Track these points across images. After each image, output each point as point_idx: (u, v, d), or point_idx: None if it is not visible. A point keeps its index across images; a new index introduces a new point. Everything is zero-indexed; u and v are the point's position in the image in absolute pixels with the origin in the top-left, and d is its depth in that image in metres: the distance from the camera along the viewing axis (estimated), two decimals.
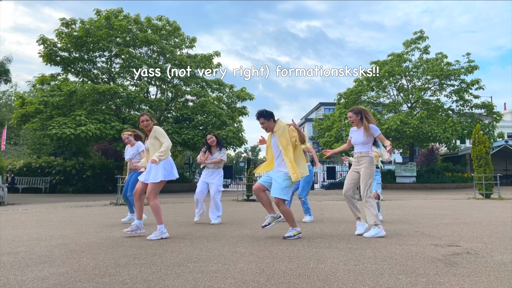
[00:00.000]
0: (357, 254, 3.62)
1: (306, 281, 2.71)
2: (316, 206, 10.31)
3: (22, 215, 8.01)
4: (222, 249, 3.92)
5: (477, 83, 24.09)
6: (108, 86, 19.77)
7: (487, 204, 10.10)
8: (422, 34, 25.44)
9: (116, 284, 2.66)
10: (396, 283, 2.65)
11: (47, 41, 20.56)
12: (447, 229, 5.27)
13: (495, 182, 13.08)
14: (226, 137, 21.56)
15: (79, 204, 11.76)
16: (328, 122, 26.81)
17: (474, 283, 2.64)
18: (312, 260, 3.39)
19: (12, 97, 39.02)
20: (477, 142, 13.53)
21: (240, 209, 9.37)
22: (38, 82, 20.79)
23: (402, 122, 22.11)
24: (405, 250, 3.82)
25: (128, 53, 20.81)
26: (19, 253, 3.81)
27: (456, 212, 7.87)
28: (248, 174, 14.84)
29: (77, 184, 20.83)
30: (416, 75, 25.37)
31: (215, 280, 2.74)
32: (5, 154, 29.46)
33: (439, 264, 3.20)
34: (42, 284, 2.69)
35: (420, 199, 13.38)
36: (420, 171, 26.35)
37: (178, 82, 23.48)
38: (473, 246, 4.01)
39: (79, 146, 23.95)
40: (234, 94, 24.86)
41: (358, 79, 26.40)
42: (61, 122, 17.88)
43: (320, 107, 52.10)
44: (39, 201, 13.54)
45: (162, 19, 23.86)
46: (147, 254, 3.68)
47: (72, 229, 5.65)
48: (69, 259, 3.47)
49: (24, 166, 21.82)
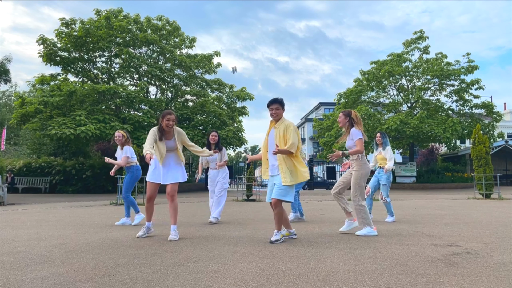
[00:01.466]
0: (357, 254, 3.62)
1: (306, 281, 2.71)
2: (316, 206, 10.30)
3: (22, 215, 8.00)
4: (222, 249, 3.92)
5: (477, 83, 24.08)
6: (108, 86, 19.75)
7: (487, 204, 10.10)
8: (422, 34, 25.44)
9: (116, 284, 2.66)
10: (396, 283, 2.65)
11: (47, 41, 20.55)
12: (447, 229, 5.27)
13: (495, 182, 13.08)
14: (226, 137, 21.56)
15: (79, 204, 11.75)
16: (328, 122, 26.81)
17: (474, 283, 2.64)
18: (312, 260, 3.39)
19: (12, 97, 39.00)
20: (477, 142, 13.53)
21: (240, 209, 9.37)
22: (38, 82, 20.78)
23: (402, 122, 22.11)
24: (405, 250, 3.82)
25: (128, 53, 20.81)
26: (19, 253, 3.81)
27: (456, 212, 7.87)
28: (248, 174, 14.83)
29: (77, 184, 20.82)
30: (416, 75, 25.37)
31: (215, 280, 2.74)
32: (5, 154, 29.45)
33: (439, 264, 3.20)
34: (42, 284, 2.68)
35: (420, 199, 13.38)
36: (420, 171, 26.35)
37: (178, 82, 23.48)
38: (473, 246, 4.01)
39: (79, 146, 23.94)
40: (234, 94, 24.86)
41: (358, 79, 26.41)
42: (61, 122, 17.87)
43: (320, 107, 52.11)
44: (39, 201, 13.53)
45: (162, 19, 23.86)
46: (147, 254, 3.68)
47: (72, 229, 5.65)
48: (69, 259, 3.47)
49: (24, 166, 21.82)
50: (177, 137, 4.76)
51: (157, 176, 4.72)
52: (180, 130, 4.86)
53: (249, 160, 5.43)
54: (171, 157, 4.78)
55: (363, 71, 26.10)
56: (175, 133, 4.75)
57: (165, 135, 4.71)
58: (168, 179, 4.70)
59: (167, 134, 4.72)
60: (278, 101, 4.48)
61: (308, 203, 11.76)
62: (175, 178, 4.72)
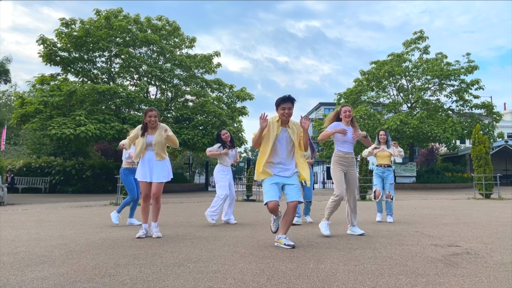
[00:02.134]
0: (356, 255, 3.62)
1: (306, 281, 2.71)
2: (316, 206, 10.29)
3: (21, 215, 8.00)
4: (222, 249, 3.92)
5: (477, 83, 24.08)
6: (108, 86, 19.74)
7: (487, 204, 10.10)
8: (422, 34, 25.43)
9: (116, 285, 2.66)
10: (396, 283, 2.65)
11: (47, 41, 20.54)
12: (447, 229, 5.27)
13: (495, 182, 13.08)
14: None
15: (79, 204, 11.75)
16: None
17: (474, 283, 2.64)
18: (312, 260, 3.39)
19: (11, 97, 38.98)
20: (477, 142, 13.53)
21: (240, 209, 9.36)
22: (37, 82, 20.77)
23: (402, 122, 22.11)
24: (405, 250, 3.82)
25: (128, 53, 20.80)
26: (19, 253, 3.81)
27: (456, 212, 7.87)
28: (248, 174, 14.84)
29: (76, 184, 20.81)
30: (416, 75, 25.36)
31: (215, 281, 2.74)
32: (4, 154, 29.43)
33: (439, 264, 3.20)
34: (42, 284, 2.68)
35: (420, 199, 13.38)
36: (420, 171, 26.34)
37: (178, 82, 23.47)
38: (473, 246, 4.01)
39: (79, 146, 23.92)
40: (234, 94, 24.84)
41: (358, 79, 26.40)
42: (61, 122, 17.86)
43: (320, 107, 52.13)
44: (39, 201, 13.53)
45: (162, 19, 23.84)
46: (147, 254, 3.68)
47: (72, 229, 5.65)
48: (69, 259, 3.47)
49: (23, 166, 21.80)
50: (160, 132, 4.84)
51: (143, 174, 4.83)
52: (164, 124, 4.94)
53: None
54: (151, 154, 4.84)
55: (363, 71, 26.09)
56: (160, 129, 4.85)
57: (148, 131, 4.85)
58: (153, 177, 4.80)
59: (151, 130, 4.85)
60: (291, 99, 3.98)
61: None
62: (158, 178, 4.80)
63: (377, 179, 6.58)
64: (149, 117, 4.76)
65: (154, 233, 4.78)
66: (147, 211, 4.91)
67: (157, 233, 4.78)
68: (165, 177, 4.85)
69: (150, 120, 4.76)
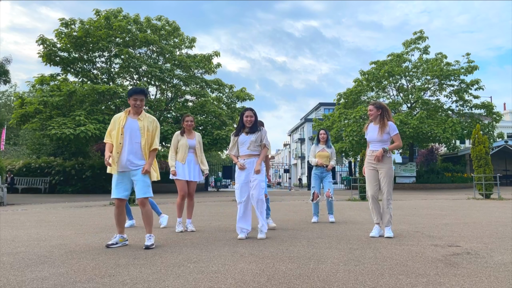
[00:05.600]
0: (357, 255, 3.62)
1: (306, 282, 2.71)
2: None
3: (21, 216, 8.00)
4: (222, 250, 3.91)
5: (477, 83, 24.10)
6: (107, 86, 19.74)
7: (487, 204, 10.11)
8: (422, 34, 25.44)
9: (116, 285, 2.66)
10: (397, 283, 2.65)
11: (47, 41, 20.54)
12: (447, 229, 5.27)
13: (494, 182, 13.09)
14: (226, 137, 21.54)
15: (79, 204, 11.75)
16: (327, 122, 26.82)
17: (474, 283, 2.64)
18: (312, 260, 3.39)
19: (11, 97, 38.97)
20: (476, 142, 13.53)
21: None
22: (37, 82, 20.76)
23: (401, 122, 22.12)
24: (405, 250, 3.82)
25: (128, 53, 20.80)
26: (19, 253, 3.80)
27: (456, 212, 7.87)
28: None
29: (76, 185, 20.81)
30: (416, 75, 25.37)
31: (215, 281, 2.74)
32: (4, 154, 29.43)
33: (439, 264, 3.20)
34: (42, 284, 2.68)
35: (420, 199, 13.38)
36: (419, 171, 26.35)
37: (177, 82, 23.47)
38: (473, 246, 4.01)
39: (79, 146, 23.92)
40: (233, 94, 24.86)
41: (358, 79, 26.42)
42: (61, 122, 17.86)
43: (319, 107, 52.12)
44: (39, 202, 13.53)
45: (162, 19, 23.84)
46: (147, 255, 3.68)
47: (71, 229, 5.65)
48: (69, 260, 3.47)
49: (23, 166, 21.80)
50: (197, 138, 5.63)
51: (183, 173, 5.40)
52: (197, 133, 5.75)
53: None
54: (192, 156, 5.52)
55: (363, 71, 26.10)
56: (198, 136, 5.67)
57: (185, 134, 5.55)
58: (192, 176, 5.44)
59: (188, 134, 5.56)
60: (144, 91, 4.37)
61: (308, 203, 11.77)
62: (195, 177, 5.50)
63: (315, 181, 6.47)
64: (187, 121, 5.48)
65: (189, 228, 5.36)
66: (183, 207, 5.45)
67: (191, 228, 5.38)
68: (200, 177, 5.56)
69: (187, 124, 5.47)
